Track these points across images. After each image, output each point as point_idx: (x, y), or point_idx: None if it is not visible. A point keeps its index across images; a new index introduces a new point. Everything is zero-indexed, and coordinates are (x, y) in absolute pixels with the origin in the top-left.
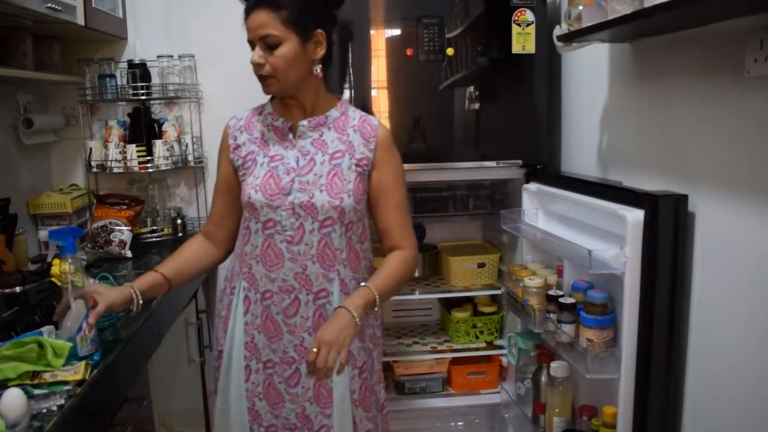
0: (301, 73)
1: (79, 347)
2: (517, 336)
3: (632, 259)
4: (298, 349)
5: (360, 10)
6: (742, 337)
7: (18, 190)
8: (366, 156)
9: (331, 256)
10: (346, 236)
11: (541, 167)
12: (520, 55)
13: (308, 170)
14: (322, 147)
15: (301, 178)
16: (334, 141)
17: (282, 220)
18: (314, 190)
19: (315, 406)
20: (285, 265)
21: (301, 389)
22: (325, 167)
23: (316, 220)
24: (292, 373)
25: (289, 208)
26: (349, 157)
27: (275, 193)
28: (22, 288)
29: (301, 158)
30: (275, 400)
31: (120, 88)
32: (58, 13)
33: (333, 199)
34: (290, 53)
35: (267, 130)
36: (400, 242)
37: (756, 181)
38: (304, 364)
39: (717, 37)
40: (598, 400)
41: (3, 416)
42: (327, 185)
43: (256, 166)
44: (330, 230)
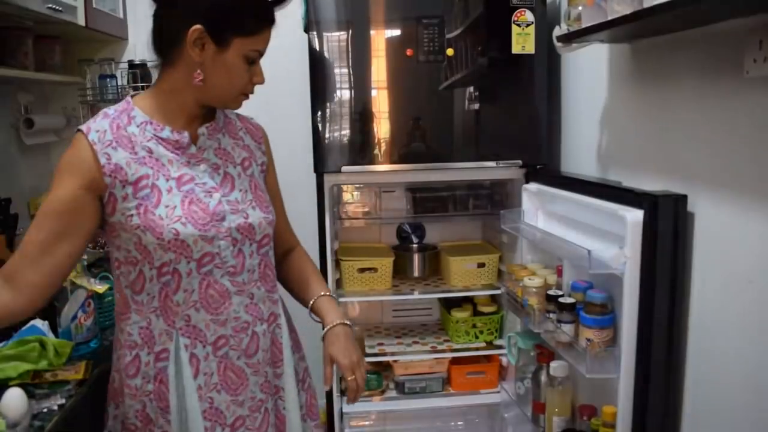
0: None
1: (73, 334)
2: (517, 336)
3: (632, 259)
4: (264, 387)
5: (360, 10)
6: (742, 337)
7: (19, 190)
8: (263, 159)
9: (271, 275)
10: (272, 251)
11: (540, 167)
12: (520, 56)
13: (230, 187)
14: (227, 157)
15: (227, 198)
16: (234, 148)
17: (221, 250)
18: (247, 209)
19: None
20: (233, 301)
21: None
22: (244, 180)
23: (254, 242)
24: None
25: (227, 236)
26: (255, 163)
27: (207, 222)
28: None
29: (215, 174)
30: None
31: (121, 89)
32: (59, 14)
33: (267, 215)
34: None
35: (154, 145)
36: (293, 242)
37: (755, 181)
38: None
39: (716, 38)
40: (598, 399)
41: (4, 416)
42: (255, 200)
43: (161, 194)
44: (267, 249)
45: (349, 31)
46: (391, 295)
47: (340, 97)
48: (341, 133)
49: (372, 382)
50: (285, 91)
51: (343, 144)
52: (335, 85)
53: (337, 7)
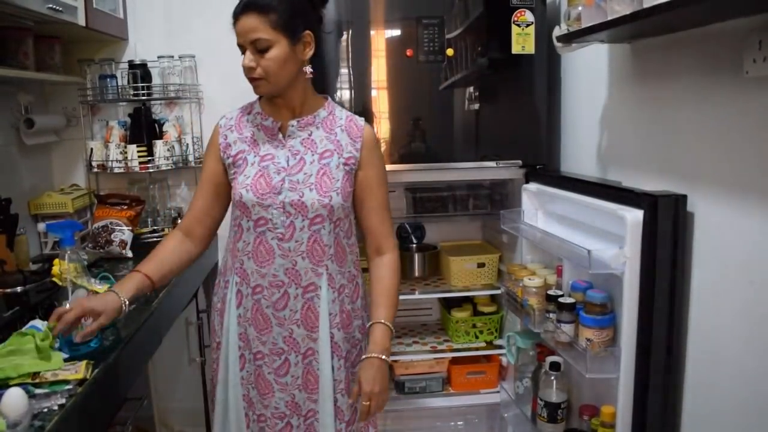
0: (291, 74)
1: (74, 335)
2: (516, 335)
3: (631, 259)
4: (287, 341)
5: (360, 10)
6: (741, 337)
7: (19, 190)
8: (353, 155)
9: (320, 251)
10: (334, 233)
11: (540, 167)
12: (520, 56)
13: (298, 169)
14: (311, 146)
15: (291, 177)
16: (322, 140)
17: (273, 218)
18: (304, 189)
19: (303, 393)
20: (276, 261)
21: (291, 378)
22: (314, 166)
23: (306, 218)
24: (281, 363)
25: (280, 207)
26: (338, 156)
27: (266, 192)
28: (23, 288)
29: (291, 158)
30: (264, 391)
31: (121, 89)
32: (59, 14)
33: (322, 198)
34: (281, 56)
35: (257, 130)
36: (383, 241)
37: (755, 181)
38: (293, 354)
39: (716, 38)
40: (599, 399)
41: (4, 416)
42: (316, 184)
43: (246, 166)
44: (319, 227)
45: (349, 31)
46: None
47: (341, 97)
48: None
49: None
50: None
51: None
52: (335, 86)
53: (337, 8)
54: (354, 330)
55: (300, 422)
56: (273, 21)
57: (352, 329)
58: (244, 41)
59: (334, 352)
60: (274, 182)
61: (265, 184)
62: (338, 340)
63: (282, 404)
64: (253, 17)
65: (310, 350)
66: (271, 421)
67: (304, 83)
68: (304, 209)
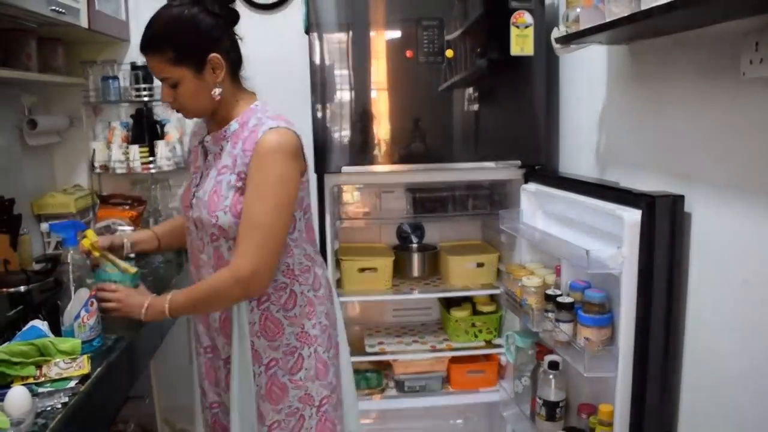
0: (208, 100)
1: (76, 332)
2: (515, 335)
3: (629, 258)
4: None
5: (360, 11)
6: (738, 336)
7: (22, 191)
8: (242, 169)
9: (223, 266)
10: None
11: (539, 168)
12: (519, 57)
13: (201, 186)
14: (216, 161)
15: (197, 194)
16: (226, 155)
17: (191, 231)
18: (202, 207)
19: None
20: (201, 269)
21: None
22: (210, 184)
23: (206, 234)
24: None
25: (191, 222)
26: (230, 172)
27: (186, 206)
28: (26, 287)
29: (205, 173)
30: (214, 380)
31: (123, 90)
32: (62, 16)
33: (210, 217)
34: (189, 89)
35: (197, 142)
36: (234, 257)
37: (752, 181)
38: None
39: (713, 39)
40: (597, 398)
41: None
42: (208, 202)
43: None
44: (218, 244)
45: (350, 32)
46: (391, 295)
47: (341, 98)
48: (341, 134)
49: (372, 380)
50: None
51: (344, 145)
52: (336, 87)
53: (337, 9)
54: (287, 337)
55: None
56: (170, 58)
57: (283, 336)
58: (156, 78)
59: (255, 359)
60: (190, 197)
61: (186, 199)
62: (259, 348)
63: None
64: (152, 57)
65: (229, 357)
66: (223, 407)
67: (225, 97)
68: (202, 226)
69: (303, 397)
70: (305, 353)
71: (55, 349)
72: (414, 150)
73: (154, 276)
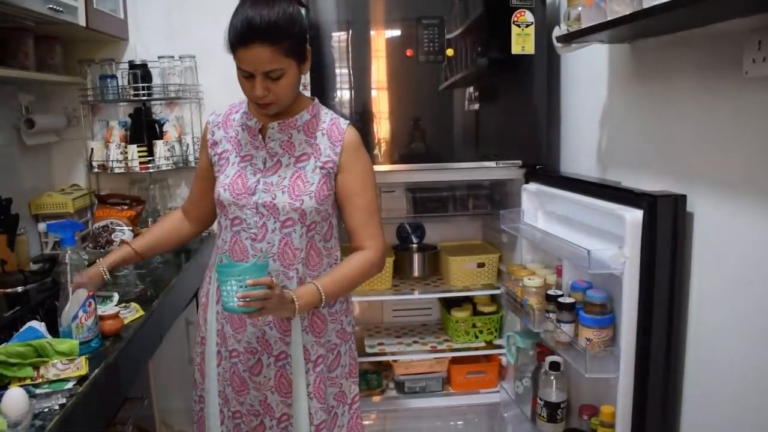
0: (296, 91)
1: (74, 333)
2: (516, 335)
3: (631, 258)
4: (260, 341)
5: (360, 10)
6: (740, 337)
7: (20, 191)
8: (332, 159)
9: (290, 255)
10: (307, 236)
11: (540, 167)
12: (520, 56)
13: (273, 172)
14: (289, 149)
15: (265, 179)
16: (301, 144)
17: (247, 218)
18: (277, 191)
19: (276, 395)
20: (249, 262)
21: (263, 378)
22: (289, 169)
23: (278, 220)
24: (255, 362)
25: (253, 208)
26: (315, 159)
27: (241, 193)
28: (23, 288)
29: (269, 159)
30: (239, 388)
31: (121, 89)
32: (60, 14)
33: (294, 201)
34: (292, 80)
35: (241, 130)
36: (364, 242)
37: (754, 181)
38: (266, 355)
39: (715, 38)
40: (599, 399)
41: (5, 415)
42: (289, 187)
43: (228, 165)
44: (290, 230)
45: (349, 31)
46: (391, 295)
47: (341, 97)
48: None
49: (372, 381)
50: None
51: None
52: (335, 86)
53: (337, 8)
54: (329, 334)
55: (273, 424)
56: (284, 49)
57: (326, 333)
58: (255, 70)
59: (304, 355)
60: (249, 183)
61: (241, 185)
62: (306, 344)
63: (256, 402)
64: (264, 48)
65: (282, 353)
66: (246, 417)
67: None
68: (275, 211)
69: (338, 395)
70: (342, 350)
71: (53, 350)
72: (414, 149)
73: (153, 276)
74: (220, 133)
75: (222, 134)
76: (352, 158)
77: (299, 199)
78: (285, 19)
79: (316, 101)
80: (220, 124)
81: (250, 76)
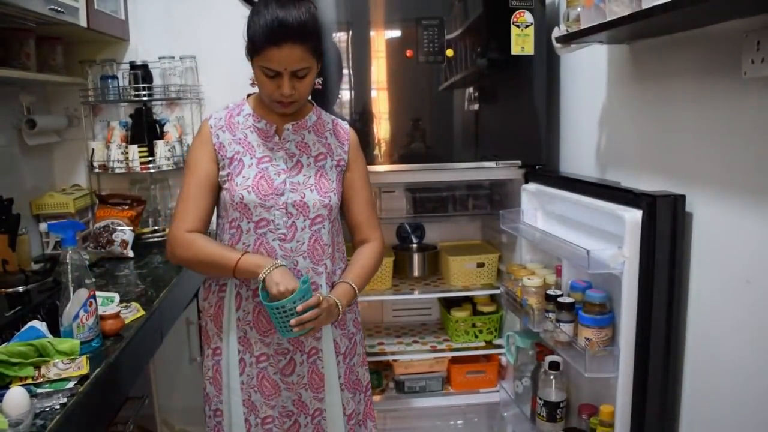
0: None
1: (75, 333)
2: (516, 335)
3: (630, 258)
4: (292, 341)
5: (360, 11)
6: (739, 336)
7: (21, 191)
8: (342, 157)
9: (320, 251)
10: (332, 231)
11: (539, 168)
12: (519, 57)
13: (298, 171)
14: (305, 149)
15: (291, 179)
16: (315, 144)
17: (275, 219)
18: (305, 189)
19: (309, 392)
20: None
21: (297, 377)
22: (312, 169)
23: (308, 218)
24: (286, 363)
25: (282, 208)
26: (330, 158)
27: (268, 194)
28: (25, 288)
29: (289, 160)
30: (270, 392)
31: (122, 89)
32: (61, 15)
33: (323, 198)
34: (312, 79)
35: (250, 132)
36: (369, 235)
37: (754, 181)
38: (299, 353)
39: (714, 39)
40: (598, 398)
41: (6, 415)
42: (316, 185)
43: (244, 167)
44: (320, 227)
45: (349, 32)
46: (391, 295)
47: (341, 97)
48: None
49: (372, 381)
50: None
51: None
52: (335, 86)
53: (337, 9)
54: (348, 324)
55: (308, 421)
56: (312, 48)
57: (347, 323)
58: (285, 69)
59: (334, 349)
60: (276, 183)
61: (267, 186)
62: (336, 337)
63: (289, 402)
64: (297, 46)
65: (314, 349)
66: (279, 420)
67: None
68: (305, 209)
69: (356, 383)
70: (358, 338)
71: (54, 350)
72: (414, 150)
73: (153, 276)
74: (226, 135)
75: (229, 137)
76: (355, 156)
77: (327, 196)
78: (312, 19)
79: (314, 103)
80: (224, 127)
81: (276, 75)
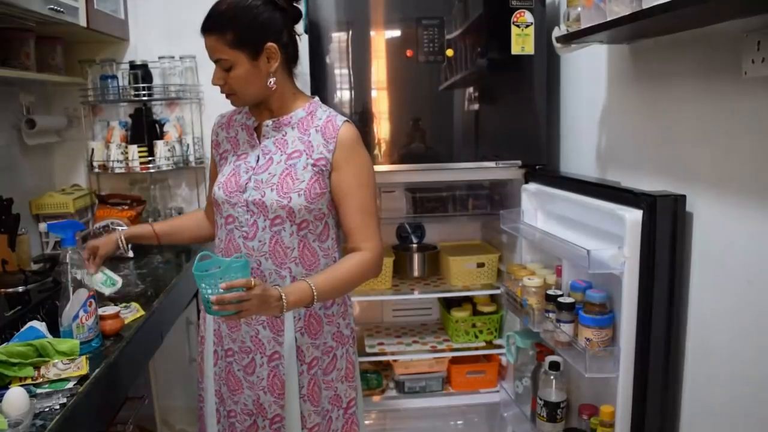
0: (260, 87)
1: (75, 333)
2: (516, 335)
3: (630, 258)
4: (254, 340)
5: (360, 10)
6: (740, 337)
7: (21, 191)
8: (324, 156)
9: (282, 253)
10: (299, 235)
11: (540, 168)
12: (520, 56)
13: (264, 169)
14: (282, 146)
15: (256, 177)
16: (294, 141)
17: (239, 216)
18: (266, 188)
19: (269, 396)
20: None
21: (257, 378)
22: (280, 166)
23: (267, 218)
24: (249, 361)
25: (244, 205)
26: (306, 157)
27: (233, 191)
28: (24, 288)
29: (262, 157)
30: (234, 387)
31: (122, 89)
32: (61, 15)
33: (281, 199)
34: (242, 74)
35: (240, 129)
36: (360, 243)
37: (753, 181)
38: (259, 354)
39: (714, 39)
40: (598, 398)
41: (6, 415)
42: (278, 184)
43: (226, 164)
44: (280, 228)
45: (349, 31)
46: (391, 295)
47: (341, 97)
48: None
49: (372, 381)
50: None
51: None
52: (335, 86)
53: (337, 8)
54: (325, 336)
55: (266, 425)
56: (229, 40)
57: (322, 335)
58: (211, 59)
59: (298, 357)
60: (242, 180)
61: (234, 183)
62: (301, 345)
63: (249, 402)
64: (211, 37)
65: (276, 354)
66: (240, 416)
67: (282, 87)
68: (264, 209)
69: (333, 398)
70: (339, 353)
71: (54, 350)
72: (414, 150)
73: (154, 276)
74: (223, 134)
75: (224, 135)
76: (346, 156)
77: (287, 197)
78: (233, 11)
79: (315, 99)
80: (224, 125)
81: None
